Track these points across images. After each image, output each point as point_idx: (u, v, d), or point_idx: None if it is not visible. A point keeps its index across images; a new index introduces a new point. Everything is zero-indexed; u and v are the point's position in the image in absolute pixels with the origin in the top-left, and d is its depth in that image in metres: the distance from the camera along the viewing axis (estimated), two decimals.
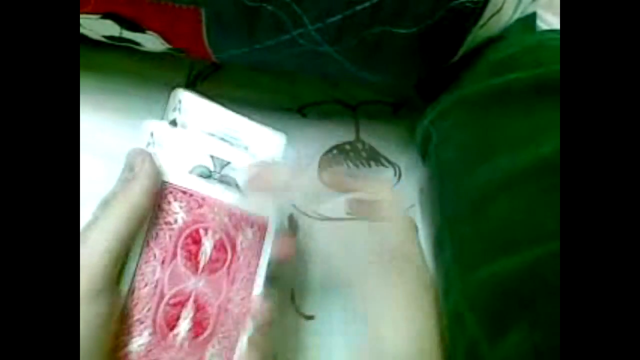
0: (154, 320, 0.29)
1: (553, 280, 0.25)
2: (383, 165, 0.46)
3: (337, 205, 0.44)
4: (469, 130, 0.36)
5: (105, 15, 0.35)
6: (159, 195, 0.30)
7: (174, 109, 0.32)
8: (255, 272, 0.33)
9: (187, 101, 0.32)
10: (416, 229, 0.38)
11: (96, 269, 0.26)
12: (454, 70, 0.39)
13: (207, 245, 0.31)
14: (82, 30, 0.38)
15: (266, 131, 0.35)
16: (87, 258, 0.26)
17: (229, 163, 0.33)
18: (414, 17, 0.33)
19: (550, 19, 0.45)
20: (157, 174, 0.30)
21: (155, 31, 0.37)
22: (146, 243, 0.29)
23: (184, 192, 0.31)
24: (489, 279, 0.29)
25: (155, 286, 0.29)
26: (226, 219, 0.32)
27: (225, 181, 0.33)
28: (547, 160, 0.29)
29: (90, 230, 0.27)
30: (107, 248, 0.27)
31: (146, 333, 0.29)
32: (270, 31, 0.35)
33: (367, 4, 0.32)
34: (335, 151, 0.46)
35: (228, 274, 0.32)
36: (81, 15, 0.36)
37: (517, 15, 0.40)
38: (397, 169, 0.46)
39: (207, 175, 0.32)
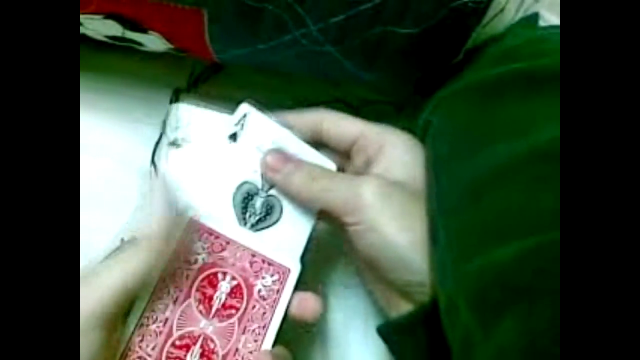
0: (160, 352, 0.28)
1: (548, 269, 0.25)
2: None
3: None
4: (465, 119, 0.36)
5: (108, 16, 0.35)
6: (185, 232, 0.30)
7: (238, 124, 0.32)
8: (268, 324, 0.31)
9: (252, 117, 0.32)
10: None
11: (102, 302, 0.26)
12: (456, 70, 0.39)
13: (223, 290, 0.30)
14: (84, 30, 0.38)
15: (318, 156, 0.34)
16: (96, 290, 0.26)
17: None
18: (417, 17, 0.33)
19: (552, 19, 0.45)
20: (170, 205, 0.30)
21: (157, 31, 0.37)
22: (162, 279, 0.29)
23: (210, 233, 0.31)
24: (483, 268, 0.29)
25: (164, 324, 0.28)
26: (247, 265, 0.31)
27: (270, 203, 0.32)
28: (542, 149, 0.28)
29: (108, 264, 0.27)
30: (121, 285, 0.27)
31: None
32: (272, 31, 0.35)
33: (369, 4, 0.32)
34: None
35: (240, 322, 0.30)
36: (84, 16, 0.36)
37: (519, 15, 0.39)
38: None
39: (254, 193, 0.32)
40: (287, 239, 0.33)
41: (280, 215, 0.33)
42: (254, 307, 0.31)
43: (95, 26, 0.37)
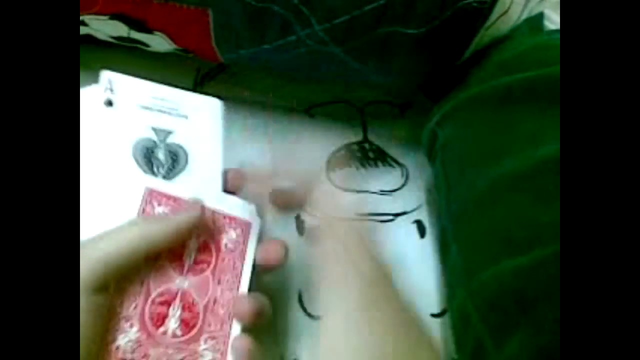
0: (141, 317, 0.30)
1: (558, 280, 0.25)
2: (390, 165, 0.46)
3: (345, 205, 0.44)
4: (475, 130, 0.36)
5: (113, 16, 0.36)
6: (145, 202, 0.31)
7: (106, 90, 0.33)
8: (240, 274, 0.33)
9: (118, 81, 0.33)
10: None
11: (100, 265, 0.27)
12: (462, 71, 0.39)
13: (192, 247, 0.32)
14: (90, 31, 0.38)
15: (201, 98, 0.34)
16: (92, 253, 0.27)
17: (171, 132, 0.34)
18: (422, 17, 0.33)
19: (557, 19, 0.45)
20: (193, 222, 0.31)
21: (162, 32, 0.37)
22: None
23: (168, 197, 0.32)
24: (494, 279, 0.29)
25: (141, 285, 0.30)
26: (210, 222, 0.33)
27: (173, 151, 0.33)
28: (550, 161, 0.29)
29: (110, 232, 0.29)
30: (114, 251, 0.28)
31: (134, 330, 0.29)
32: (277, 32, 0.35)
33: (374, 4, 0.32)
34: (342, 151, 0.46)
35: (213, 275, 0.32)
36: (89, 16, 0.36)
37: (524, 16, 0.39)
38: (404, 169, 0.46)
39: (153, 146, 0.33)
40: (203, 177, 0.34)
41: (187, 160, 0.34)
42: (223, 259, 0.33)
43: (101, 26, 0.37)
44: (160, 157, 0.33)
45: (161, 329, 0.30)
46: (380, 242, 0.34)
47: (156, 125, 0.33)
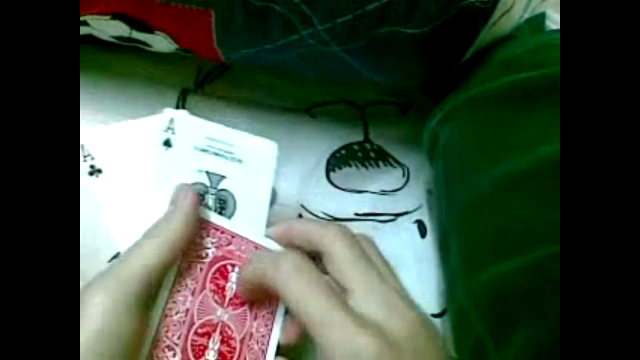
0: (183, 348, 0.30)
1: (557, 280, 0.25)
2: (392, 165, 0.46)
3: (345, 205, 0.44)
4: (475, 130, 0.36)
5: (115, 16, 0.36)
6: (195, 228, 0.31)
7: (167, 130, 0.33)
8: (275, 310, 0.33)
9: (179, 120, 0.33)
10: None
11: (130, 287, 0.27)
12: (463, 71, 0.39)
13: (234, 280, 0.32)
14: (91, 30, 0.38)
15: (258, 140, 0.35)
16: (124, 275, 0.27)
17: (224, 177, 0.34)
18: (424, 16, 0.33)
19: (559, 19, 0.45)
20: (196, 208, 0.31)
21: (164, 32, 0.37)
22: (179, 273, 0.31)
23: (216, 229, 0.32)
24: (494, 279, 0.29)
25: (186, 314, 0.30)
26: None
27: (222, 198, 0.34)
28: (550, 162, 0.29)
29: (129, 252, 0.28)
30: (143, 270, 0.28)
31: (176, 359, 0.30)
32: (279, 31, 0.35)
33: (376, 4, 0.32)
34: (343, 151, 0.46)
35: (251, 309, 0.32)
36: (91, 16, 0.36)
37: (526, 15, 0.39)
38: (405, 169, 0.46)
39: (204, 192, 0.33)
40: (247, 221, 0.34)
41: (235, 207, 0.34)
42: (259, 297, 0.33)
43: (102, 26, 0.37)
44: (210, 204, 0.33)
45: None
46: (381, 242, 0.34)
47: (210, 169, 0.33)
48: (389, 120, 0.49)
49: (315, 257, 0.31)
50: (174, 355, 0.29)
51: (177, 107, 0.45)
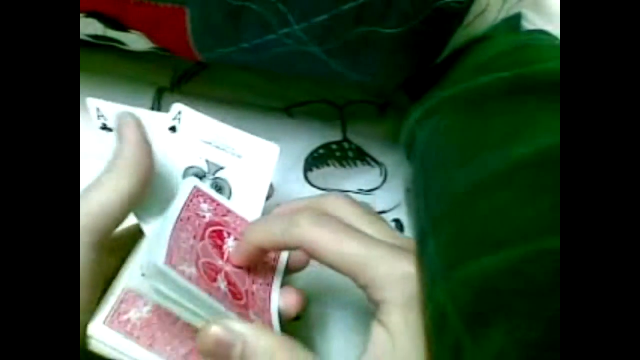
0: (196, 264, 0.29)
1: (544, 276, 0.25)
2: (369, 165, 0.47)
3: None
4: (452, 129, 0.36)
5: (89, 14, 0.35)
6: (192, 194, 0.33)
7: (174, 119, 0.35)
8: (272, 282, 0.33)
9: (186, 113, 0.35)
10: None
11: (96, 221, 0.28)
12: (440, 70, 0.39)
13: (230, 244, 0.33)
14: None
15: (259, 141, 0.36)
16: (87, 212, 0.28)
17: (222, 168, 0.35)
18: (400, 17, 0.33)
19: (535, 19, 0.45)
20: (141, 132, 0.31)
21: (139, 30, 0.36)
22: (180, 219, 0.31)
23: (212, 200, 0.34)
24: (472, 276, 0.29)
25: (191, 250, 0.30)
26: None
27: (218, 184, 0.35)
28: (528, 159, 0.29)
29: (90, 188, 0.29)
30: (106, 202, 0.28)
31: (192, 268, 0.29)
32: (256, 30, 0.35)
33: (352, 4, 0.32)
34: (321, 151, 0.46)
35: (249, 272, 0.32)
36: None
37: (502, 15, 0.40)
38: (383, 168, 0.46)
39: (202, 176, 0.35)
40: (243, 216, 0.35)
41: (230, 196, 0.35)
42: (256, 266, 0.33)
43: None
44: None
45: (215, 283, 0.30)
46: None
47: (210, 158, 0.35)
48: (367, 119, 0.49)
49: None
50: (189, 266, 0.29)
51: (153, 107, 0.44)
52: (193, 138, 0.35)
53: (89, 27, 0.37)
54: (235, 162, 0.36)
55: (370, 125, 0.48)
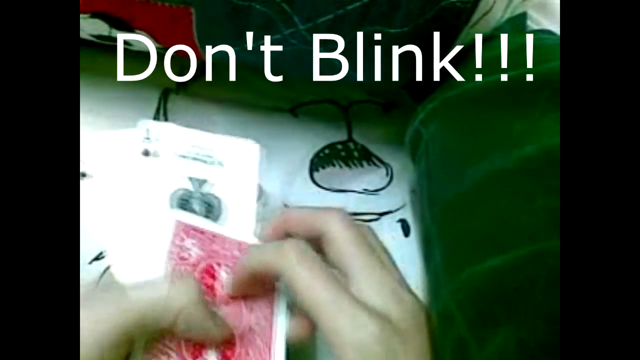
0: (178, 348, 0.28)
1: (545, 277, 0.25)
2: (375, 165, 0.46)
3: (328, 205, 0.44)
4: (457, 130, 0.36)
5: (95, 15, 0.35)
6: (173, 233, 0.31)
7: (144, 139, 0.33)
8: (272, 302, 0.32)
9: (155, 130, 0.34)
10: None
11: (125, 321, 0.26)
12: (445, 70, 0.39)
13: (222, 277, 0.31)
14: None
15: (238, 143, 0.35)
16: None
17: (206, 181, 0.34)
18: (405, 16, 0.33)
19: (540, 19, 0.45)
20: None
21: (144, 30, 0.36)
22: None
23: (195, 230, 0.32)
24: (477, 278, 0.29)
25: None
26: (237, 252, 0.33)
27: (207, 200, 0.34)
28: (532, 161, 0.29)
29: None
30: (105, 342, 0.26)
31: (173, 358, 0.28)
32: (261, 31, 0.35)
33: (357, 4, 0.32)
34: (327, 151, 0.46)
35: (245, 303, 0.31)
36: None
37: (507, 15, 0.40)
38: (389, 169, 0.46)
39: (189, 197, 0.33)
40: (236, 224, 0.34)
41: (221, 209, 0.34)
42: (254, 297, 0.32)
43: (82, 25, 0.37)
44: (196, 208, 0.33)
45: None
46: None
47: (192, 174, 0.34)
48: (373, 119, 0.49)
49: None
50: (169, 357, 0.27)
51: (159, 108, 0.44)
52: (169, 156, 0.34)
53: (94, 27, 0.37)
54: (218, 171, 0.34)
55: (376, 126, 0.48)
